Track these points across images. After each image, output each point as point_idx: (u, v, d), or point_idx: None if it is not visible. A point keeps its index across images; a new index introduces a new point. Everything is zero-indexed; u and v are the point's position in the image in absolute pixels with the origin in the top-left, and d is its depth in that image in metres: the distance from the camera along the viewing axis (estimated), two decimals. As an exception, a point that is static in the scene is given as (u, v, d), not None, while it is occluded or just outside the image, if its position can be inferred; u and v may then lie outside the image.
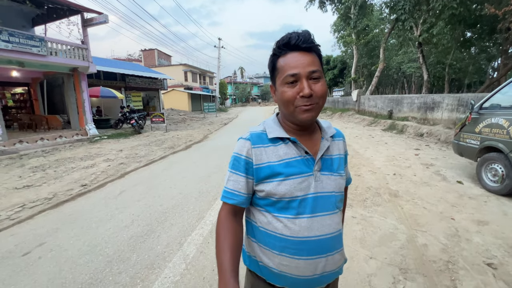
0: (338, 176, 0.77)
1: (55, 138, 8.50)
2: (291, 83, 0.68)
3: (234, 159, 0.76)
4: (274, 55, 0.73)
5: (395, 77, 29.69)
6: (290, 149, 0.74)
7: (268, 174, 0.72)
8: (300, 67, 0.67)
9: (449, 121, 8.20)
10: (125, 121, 11.64)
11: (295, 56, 0.68)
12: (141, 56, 33.20)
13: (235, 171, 0.75)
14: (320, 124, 0.82)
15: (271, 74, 0.76)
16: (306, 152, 0.74)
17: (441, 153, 6.08)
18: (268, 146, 0.74)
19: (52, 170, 5.24)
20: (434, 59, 19.55)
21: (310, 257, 0.71)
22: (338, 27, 22.42)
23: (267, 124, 0.79)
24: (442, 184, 3.97)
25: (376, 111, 13.52)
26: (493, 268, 2.02)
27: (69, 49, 8.88)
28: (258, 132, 0.77)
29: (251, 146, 0.74)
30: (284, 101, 0.70)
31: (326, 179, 0.74)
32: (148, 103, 19.64)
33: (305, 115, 0.69)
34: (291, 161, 0.72)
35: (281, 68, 0.70)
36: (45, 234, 2.73)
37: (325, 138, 0.78)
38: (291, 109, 0.70)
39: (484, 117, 3.74)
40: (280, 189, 0.70)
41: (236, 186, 0.75)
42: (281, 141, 0.75)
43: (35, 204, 3.54)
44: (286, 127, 0.77)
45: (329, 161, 0.77)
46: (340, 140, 0.85)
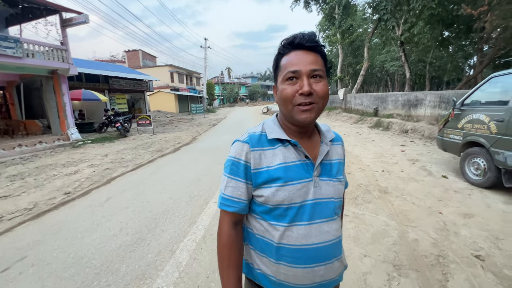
0: (337, 181, 0.75)
1: (35, 144, 8.08)
2: (291, 79, 0.66)
3: (232, 164, 0.72)
4: (278, 54, 0.72)
5: (379, 75, 30.54)
6: (289, 153, 0.71)
7: (267, 179, 0.69)
8: (301, 64, 0.66)
9: (431, 117, 8.50)
10: (110, 125, 11.26)
11: (298, 54, 0.67)
12: (125, 57, 32.27)
13: (234, 176, 0.71)
14: (319, 127, 0.80)
15: (274, 73, 0.75)
16: (306, 156, 0.72)
17: (425, 149, 6.28)
18: (267, 149, 0.71)
19: (32, 178, 4.96)
20: (415, 57, 20.26)
21: (308, 265, 0.69)
22: (323, 27, 22.75)
23: (266, 124, 0.76)
24: (428, 179, 4.09)
25: (362, 109, 13.82)
26: (481, 260, 2.09)
27: (47, 51, 8.46)
28: (257, 134, 0.74)
29: (249, 149, 0.71)
30: (283, 99, 0.68)
31: (325, 185, 0.72)
32: (134, 106, 19.11)
33: (304, 116, 0.66)
34: (290, 165, 0.69)
35: (283, 66, 0.69)
36: (26, 247, 2.57)
37: (324, 142, 0.76)
38: (289, 107, 0.68)
39: (465, 113, 3.89)
40: (279, 195, 0.68)
41: (235, 192, 0.71)
42: (280, 143, 0.72)
43: (14, 215, 3.33)
44: (286, 128, 0.74)
45: (328, 166, 0.75)
46: (339, 144, 0.83)
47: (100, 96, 11.56)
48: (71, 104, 9.69)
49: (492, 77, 3.67)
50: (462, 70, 24.84)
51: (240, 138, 0.75)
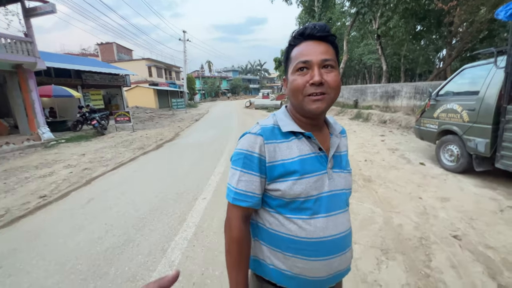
0: (347, 173, 0.77)
1: (1, 146, 7.45)
2: (301, 70, 0.66)
3: (245, 157, 0.69)
4: (289, 46, 0.71)
5: (357, 68, 31.41)
6: (304, 145, 0.70)
7: (282, 173, 0.68)
8: (312, 54, 0.65)
9: (408, 108, 8.92)
10: (85, 122, 10.63)
11: (309, 44, 0.67)
12: (98, 51, 30.41)
13: (248, 170, 0.69)
14: (326, 120, 0.80)
15: (285, 65, 0.73)
16: (319, 148, 0.71)
17: (403, 138, 6.60)
18: (281, 141, 0.70)
19: (1, 183, 4.58)
20: (391, 50, 21.02)
21: (326, 257, 0.70)
22: (303, 20, 22.82)
23: (278, 117, 0.74)
24: (408, 166, 4.32)
25: (343, 101, 14.19)
26: (458, 239, 2.25)
27: (9, 43, 7.74)
28: (270, 126, 0.72)
29: (263, 142, 0.69)
30: (293, 89, 0.67)
31: (337, 177, 0.73)
32: (110, 102, 18.17)
33: (315, 106, 0.66)
34: (305, 158, 0.69)
35: (294, 57, 0.69)
36: (0, 257, 2.38)
37: (334, 134, 0.77)
38: (300, 98, 0.67)
39: (440, 103, 4.12)
40: (296, 189, 0.67)
41: (249, 187, 0.69)
42: (294, 136, 0.71)
43: None
44: (297, 121, 0.73)
45: (339, 158, 0.76)
46: (345, 136, 0.85)
47: (72, 92, 10.84)
48: (40, 101, 9.00)
49: (464, 69, 3.90)
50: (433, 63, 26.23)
51: (251, 130, 0.72)
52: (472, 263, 1.95)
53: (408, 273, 1.89)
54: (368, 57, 23.25)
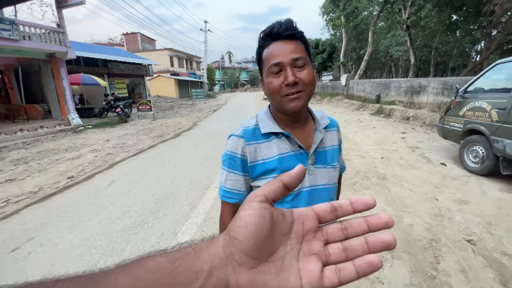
0: (331, 168, 0.77)
1: (36, 129, 8.12)
2: (275, 73, 0.67)
3: (230, 158, 0.74)
4: (259, 47, 0.71)
5: (383, 60, 29.86)
6: (283, 144, 0.73)
7: (263, 171, 0.72)
8: (282, 55, 0.65)
9: (434, 104, 8.41)
10: (110, 110, 11.22)
11: (278, 45, 0.67)
12: (123, 40, 31.54)
13: (233, 170, 0.74)
14: (313, 114, 0.80)
15: (259, 66, 0.75)
16: (299, 146, 0.73)
17: (426, 136, 6.28)
18: (261, 142, 0.74)
19: (35, 163, 5.04)
20: (421, 42, 19.70)
21: None
22: (327, 9, 21.95)
23: (260, 117, 0.77)
24: (427, 166, 4.13)
25: (365, 95, 13.65)
26: (472, 244, 2.16)
27: (43, 33, 8.27)
28: (251, 128, 0.76)
29: (245, 143, 0.73)
30: (270, 92, 0.69)
31: (319, 172, 0.75)
32: (134, 90, 18.94)
33: (293, 104, 0.67)
34: (284, 156, 0.72)
35: (265, 59, 0.69)
36: (34, 229, 2.67)
37: (318, 129, 0.77)
38: (277, 99, 0.69)
39: (468, 100, 3.86)
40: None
41: (235, 185, 0.75)
42: (274, 136, 0.74)
43: (20, 198, 3.43)
44: (279, 119, 0.76)
45: (322, 154, 0.77)
46: (334, 130, 0.83)
47: (99, 80, 11.44)
48: (70, 88, 9.61)
49: (497, 63, 3.60)
50: (469, 56, 24.25)
51: (235, 132, 0.76)
52: (484, 269, 1.87)
53: (413, 274, 1.86)
54: (396, 49, 21.99)
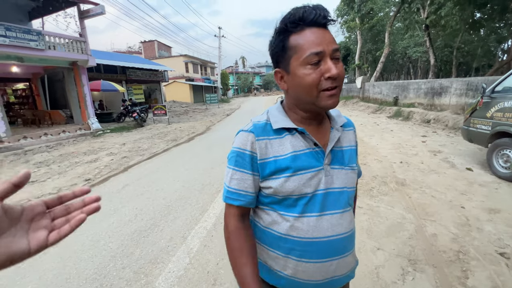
0: (350, 169, 0.70)
1: (59, 133, 8.52)
2: (314, 64, 0.59)
3: (237, 155, 0.67)
4: (284, 32, 0.62)
5: (401, 62, 28.92)
6: (297, 141, 0.66)
7: (274, 170, 0.65)
8: (324, 44, 0.58)
9: (457, 106, 7.97)
10: (127, 115, 11.60)
11: (316, 32, 0.59)
12: (141, 48, 32.81)
13: (240, 168, 0.67)
14: (329, 113, 0.74)
15: (280, 56, 0.64)
16: (315, 144, 0.67)
17: (449, 140, 5.93)
18: (273, 138, 0.66)
19: (56, 165, 5.25)
20: (442, 42, 18.91)
21: (320, 260, 0.65)
22: (342, 12, 21.66)
23: (271, 113, 0.70)
24: (451, 171, 3.87)
25: (381, 98, 13.23)
26: (506, 257, 1.95)
27: (67, 43, 8.74)
28: (262, 123, 0.69)
29: (254, 138, 0.66)
30: (306, 85, 0.60)
31: (337, 173, 0.67)
32: (150, 96, 19.53)
33: (331, 101, 0.61)
34: (299, 154, 0.65)
35: (299, 47, 0.60)
36: (50, 229, 2.73)
37: (335, 128, 0.71)
38: (314, 94, 0.61)
39: (496, 101, 3.58)
40: (288, 186, 0.63)
41: (242, 185, 0.67)
42: (287, 132, 0.67)
43: (39, 199, 3.55)
44: (293, 115, 0.69)
45: (340, 154, 0.70)
46: (351, 130, 0.77)
47: (118, 86, 11.90)
48: (91, 94, 10.05)
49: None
50: (494, 55, 22.93)
51: (244, 127, 0.70)
52: (521, 287, 1.67)
53: (438, 289, 1.70)
54: (414, 50, 21.22)
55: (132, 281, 1.89)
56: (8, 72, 9.62)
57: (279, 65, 0.66)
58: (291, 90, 0.65)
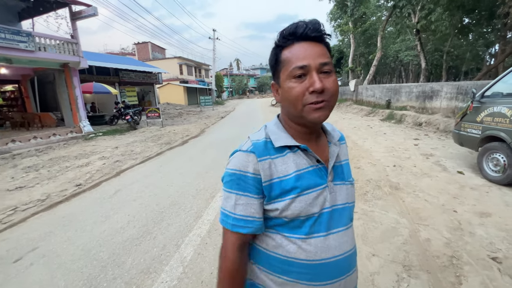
0: (350, 184, 0.70)
1: (49, 137, 8.32)
2: (299, 77, 0.58)
3: (239, 178, 0.62)
4: (277, 47, 0.63)
5: (393, 65, 29.44)
6: (300, 159, 0.64)
7: (280, 191, 0.61)
8: (309, 58, 0.58)
9: (448, 109, 8.12)
10: (120, 117, 11.44)
11: (303, 46, 0.59)
12: (135, 50, 32.50)
13: (244, 192, 0.62)
14: (324, 127, 0.73)
15: (274, 69, 0.65)
16: (317, 160, 0.65)
17: (440, 143, 6.03)
18: (275, 157, 0.63)
19: (46, 170, 5.12)
20: (432, 46, 19.36)
21: (330, 281, 0.63)
22: (335, 16, 21.95)
23: (270, 130, 0.67)
24: (443, 175, 3.92)
25: (374, 100, 13.40)
26: (498, 262, 1.98)
27: (58, 44, 8.58)
28: (261, 141, 0.65)
29: (256, 159, 0.62)
30: (291, 99, 0.60)
31: (339, 189, 0.66)
32: (144, 98, 19.32)
33: (317, 115, 0.59)
34: (303, 173, 0.62)
35: (287, 61, 0.60)
36: (38, 238, 2.65)
37: (332, 142, 0.70)
38: (299, 108, 0.60)
39: (486, 105, 3.66)
40: (295, 207, 0.61)
41: (248, 210, 0.61)
42: (289, 149, 0.64)
43: (27, 206, 3.45)
44: (291, 131, 0.67)
45: (340, 169, 0.69)
46: (344, 143, 0.78)
47: (110, 89, 11.72)
48: (82, 97, 9.86)
49: (517, 66, 3.41)
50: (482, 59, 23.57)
51: (242, 147, 0.66)
52: (513, 292, 1.69)
53: (433, 295, 1.70)
54: (405, 54, 21.66)
55: (124, 292, 1.84)
56: (-4, 74, 9.38)
57: (274, 78, 0.66)
58: (282, 103, 0.65)
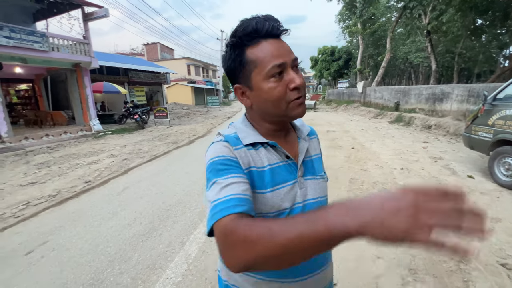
0: (321, 179, 0.69)
1: (60, 134, 8.54)
2: (277, 76, 0.56)
3: (221, 163, 0.55)
4: (239, 46, 0.58)
5: (402, 67, 28.99)
6: (270, 154, 0.63)
7: (257, 182, 0.59)
8: (284, 55, 0.57)
9: (458, 112, 7.96)
10: (129, 116, 11.63)
11: (273, 43, 0.57)
12: (144, 50, 33.03)
13: (230, 174, 0.53)
14: (293, 122, 0.73)
15: (237, 71, 0.60)
16: (287, 156, 0.64)
17: (450, 146, 5.91)
18: (249, 149, 0.62)
19: (57, 167, 5.26)
20: (443, 48, 18.96)
21: (304, 276, 0.63)
22: (344, 17, 21.83)
23: (237, 128, 0.66)
24: (452, 178, 3.85)
25: (382, 103, 13.24)
26: (508, 268, 1.93)
27: (70, 44, 8.80)
28: (233, 135, 0.63)
29: (232, 147, 0.60)
30: (273, 99, 0.57)
31: (310, 184, 0.66)
32: (152, 98, 19.59)
33: (300, 110, 0.60)
34: (274, 167, 0.62)
35: (259, 60, 0.56)
36: (49, 232, 2.73)
37: (301, 137, 0.70)
38: (283, 107, 0.58)
39: (498, 108, 3.57)
40: (266, 202, 0.59)
41: (239, 188, 0.50)
42: (260, 145, 0.64)
43: (39, 201, 3.55)
44: (261, 129, 0.65)
45: (310, 164, 0.69)
46: (315, 138, 0.77)
47: (120, 88, 11.94)
48: (93, 96, 10.09)
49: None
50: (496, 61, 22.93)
51: (215, 139, 0.63)
52: (523, 299, 1.65)
53: (439, 300, 1.68)
54: (415, 56, 21.27)
55: (129, 287, 1.88)
56: (11, 73, 9.69)
57: (239, 80, 0.62)
58: (256, 106, 0.62)
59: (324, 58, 28.79)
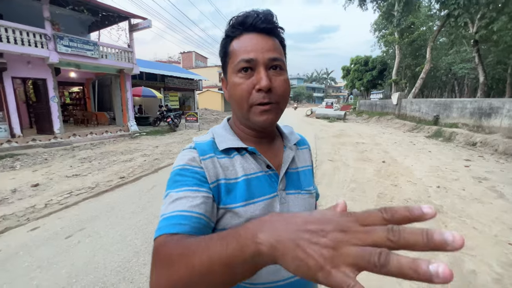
0: (307, 194, 0.61)
1: (102, 133, 9.39)
2: (245, 71, 0.52)
3: (177, 174, 0.51)
4: (227, 37, 0.56)
5: (444, 79, 26.91)
6: (248, 163, 0.56)
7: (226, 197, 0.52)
8: (257, 51, 0.52)
9: (510, 129, 7.14)
10: (162, 119, 12.39)
11: (252, 37, 0.53)
12: (180, 58, 35.15)
13: (181, 187, 0.48)
14: (280, 130, 0.67)
15: (222, 62, 0.59)
16: (268, 166, 0.57)
17: (498, 166, 5.31)
18: (221, 157, 0.55)
19: (97, 162, 5.77)
20: (494, 58, 17.24)
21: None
22: (379, 26, 21.08)
23: (215, 132, 0.60)
24: (499, 202, 3.44)
25: (419, 116, 12.39)
26: None
27: (117, 52, 9.74)
28: (206, 142, 0.57)
29: (199, 156, 0.53)
30: (236, 97, 0.54)
31: (293, 200, 0.58)
32: (184, 103, 20.65)
33: (263, 118, 0.53)
34: (250, 178, 0.54)
35: (233, 53, 0.54)
36: (86, 220, 3.00)
37: (288, 146, 0.63)
38: (244, 107, 0.53)
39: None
40: (239, 219, 0.51)
41: (187, 204, 0.45)
42: (236, 152, 0.57)
43: (80, 192, 3.92)
44: (241, 133, 0.60)
45: (295, 176, 0.61)
46: (305, 148, 0.69)
47: (156, 93, 12.82)
48: (132, 99, 10.97)
49: None
50: (560, 74, 20.22)
51: (185, 147, 0.58)
52: None
53: (475, 335, 1.50)
54: (460, 67, 19.66)
55: (152, 278, 1.98)
56: (66, 77, 10.96)
57: (224, 72, 0.60)
58: (229, 101, 0.58)
59: (357, 68, 27.95)
